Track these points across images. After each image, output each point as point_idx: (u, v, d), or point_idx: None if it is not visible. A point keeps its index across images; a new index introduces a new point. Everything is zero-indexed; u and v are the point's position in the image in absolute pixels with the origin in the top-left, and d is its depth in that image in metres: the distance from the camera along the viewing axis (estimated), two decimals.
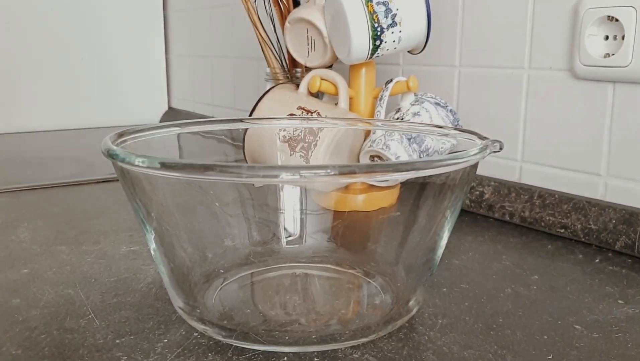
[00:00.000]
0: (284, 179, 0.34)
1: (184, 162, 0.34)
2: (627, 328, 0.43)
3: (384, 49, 0.70)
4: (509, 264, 0.56)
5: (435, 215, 0.43)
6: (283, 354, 0.39)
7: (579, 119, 0.64)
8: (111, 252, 0.58)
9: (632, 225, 0.58)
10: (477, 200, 0.72)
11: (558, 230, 0.64)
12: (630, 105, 0.59)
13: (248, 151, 0.68)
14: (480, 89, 0.74)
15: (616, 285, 0.51)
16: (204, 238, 0.49)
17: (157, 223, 0.42)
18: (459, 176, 0.41)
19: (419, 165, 0.37)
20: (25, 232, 0.64)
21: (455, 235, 0.64)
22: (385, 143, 0.64)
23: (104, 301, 0.47)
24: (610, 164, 0.62)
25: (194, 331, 0.42)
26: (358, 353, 0.39)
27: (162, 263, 0.43)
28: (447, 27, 0.77)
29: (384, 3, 0.67)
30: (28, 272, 0.53)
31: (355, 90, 0.76)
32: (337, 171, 0.34)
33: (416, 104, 0.70)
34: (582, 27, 0.61)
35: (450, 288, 0.50)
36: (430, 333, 0.42)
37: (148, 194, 0.41)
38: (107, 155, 0.39)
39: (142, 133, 0.48)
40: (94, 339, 0.41)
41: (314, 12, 0.74)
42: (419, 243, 0.46)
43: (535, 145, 0.69)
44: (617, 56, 0.59)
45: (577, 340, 0.41)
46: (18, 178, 0.89)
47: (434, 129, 0.54)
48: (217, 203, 0.48)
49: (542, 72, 0.67)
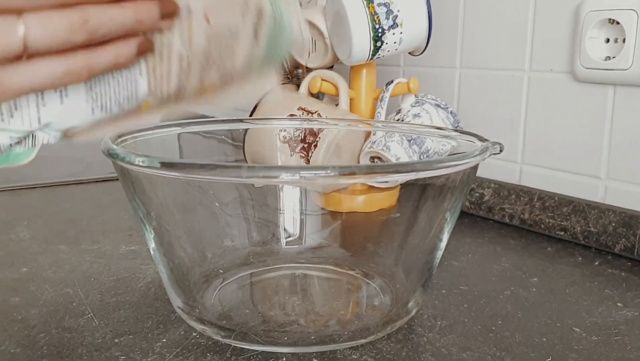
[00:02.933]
0: (284, 179, 0.34)
1: (184, 162, 0.34)
2: (626, 331, 0.43)
3: (384, 50, 0.70)
4: (508, 266, 0.56)
5: (435, 216, 0.43)
6: (282, 354, 0.39)
7: (579, 122, 0.64)
8: (110, 252, 0.58)
9: (631, 228, 0.58)
10: (477, 202, 0.72)
11: (558, 233, 0.64)
12: (631, 108, 0.59)
13: (248, 151, 0.68)
14: (481, 90, 0.74)
15: (615, 288, 0.51)
16: (203, 238, 0.49)
17: (156, 222, 0.42)
18: (459, 178, 0.41)
19: (419, 167, 0.37)
20: (25, 230, 0.64)
21: (454, 236, 0.64)
22: (385, 144, 0.64)
23: (103, 300, 0.47)
24: (610, 167, 0.62)
25: (193, 331, 0.42)
26: (357, 354, 0.39)
27: (162, 262, 0.43)
28: (448, 28, 0.77)
29: (385, 4, 0.67)
30: (27, 271, 0.53)
31: (356, 91, 0.76)
32: (337, 172, 0.34)
33: (417, 106, 0.70)
34: (583, 30, 0.61)
35: (449, 289, 0.50)
36: (429, 335, 0.42)
37: (148, 194, 0.41)
38: (107, 155, 0.39)
39: (142, 133, 0.48)
40: (92, 338, 0.41)
41: (315, 13, 0.74)
42: (419, 245, 0.46)
43: (536, 147, 0.69)
44: (618, 59, 0.59)
45: (576, 343, 0.41)
46: (18, 177, 0.89)
47: (434, 131, 0.54)
48: (217, 203, 0.48)
49: (542, 75, 0.67)
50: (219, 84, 0.34)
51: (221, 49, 0.32)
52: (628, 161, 0.60)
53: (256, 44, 0.33)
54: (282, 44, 0.35)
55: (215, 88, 0.34)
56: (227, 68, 0.33)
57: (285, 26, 0.34)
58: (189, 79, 0.32)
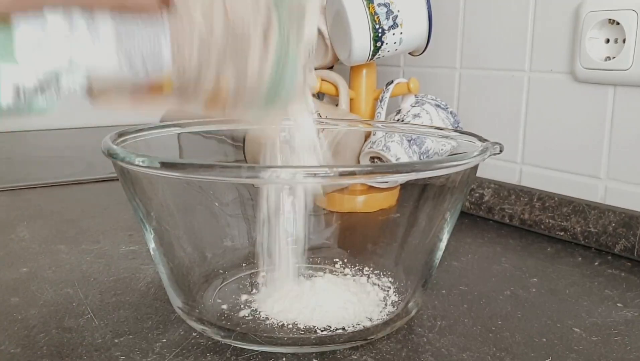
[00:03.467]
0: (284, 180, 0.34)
1: (184, 162, 0.34)
2: (626, 331, 0.43)
3: (384, 51, 0.70)
4: (508, 266, 0.56)
5: (434, 216, 0.43)
6: (282, 355, 0.39)
7: (579, 122, 0.64)
8: (110, 252, 0.58)
9: (631, 228, 0.58)
10: (476, 202, 0.72)
11: (557, 233, 0.64)
12: (631, 108, 0.59)
13: (248, 151, 0.68)
14: (481, 91, 0.74)
15: (615, 288, 0.51)
16: (203, 238, 0.49)
17: (156, 222, 0.42)
18: (459, 178, 0.41)
19: (419, 167, 0.37)
20: (25, 230, 0.64)
21: (454, 237, 0.64)
22: (385, 144, 0.64)
23: (102, 300, 0.47)
24: (610, 167, 0.62)
25: (193, 331, 0.42)
26: (357, 354, 0.39)
27: (162, 262, 0.43)
28: (448, 29, 0.77)
29: (385, 4, 0.67)
30: (27, 271, 0.53)
31: (356, 92, 0.76)
32: (337, 172, 0.34)
33: (417, 106, 0.70)
34: (583, 30, 0.61)
35: (449, 290, 0.50)
36: (429, 335, 0.42)
37: (148, 194, 0.41)
38: (107, 155, 0.39)
39: (142, 132, 0.48)
40: (92, 338, 0.41)
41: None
42: (419, 245, 0.46)
43: (536, 147, 0.69)
44: (618, 59, 0.59)
45: (576, 343, 0.41)
46: (18, 177, 0.89)
47: (434, 131, 0.54)
48: (217, 204, 0.48)
49: (542, 75, 0.67)
50: (231, 92, 0.34)
51: (236, 46, 0.32)
52: (628, 161, 0.60)
53: (265, 59, 0.34)
54: (287, 77, 0.35)
55: (228, 96, 0.35)
56: (240, 72, 0.33)
57: (290, 61, 0.34)
58: (208, 67, 0.33)
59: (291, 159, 0.44)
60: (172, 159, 0.35)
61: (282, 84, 0.35)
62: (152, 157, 0.35)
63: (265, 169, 0.35)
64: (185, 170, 0.35)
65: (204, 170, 0.34)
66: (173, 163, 0.35)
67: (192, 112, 0.37)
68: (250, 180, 0.38)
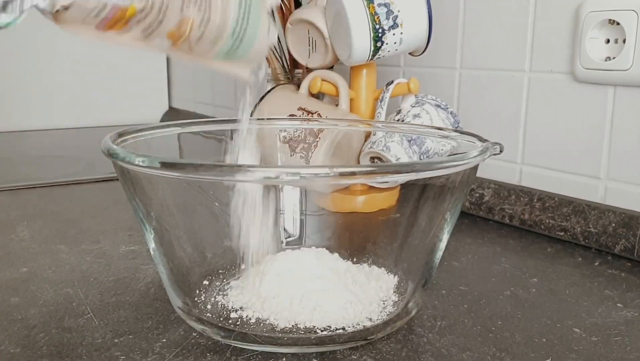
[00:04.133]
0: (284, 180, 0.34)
1: (184, 162, 0.34)
2: (626, 331, 0.43)
3: (385, 51, 0.70)
4: (508, 266, 0.56)
5: (435, 217, 0.43)
6: (282, 355, 0.39)
7: (579, 122, 0.64)
8: (110, 251, 0.58)
9: (631, 229, 0.58)
10: (476, 203, 0.72)
11: (557, 233, 0.64)
12: (631, 108, 0.59)
13: None
14: (481, 91, 0.74)
15: (615, 289, 0.51)
16: (203, 238, 0.49)
17: (156, 222, 0.42)
18: (459, 178, 0.41)
19: (419, 167, 0.37)
20: (25, 230, 0.64)
21: (454, 237, 0.64)
22: (385, 144, 0.64)
23: (102, 300, 0.47)
24: (610, 167, 0.62)
25: (193, 331, 0.42)
26: (357, 354, 0.39)
27: (162, 262, 0.43)
28: (448, 29, 0.77)
29: (386, 4, 0.67)
30: (27, 271, 0.53)
31: (356, 92, 0.76)
32: (337, 172, 0.34)
33: (417, 106, 0.70)
34: (583, 30, 0.61)
35: (449, 290, 0.50)
36: (429, 335, 0.42)
37: (148, 194, 0.41)
38: (107, 155, 0.39)
39: (142, 132, 0.48)
40: (92, 338, 0.41)
41: (315, 13, 0.74)
42: (419, 245, 0.46)
43: (536, 147, 0.69)
44: (618, 60, 0.59)
45: (576, 343, 0.41)
46: (18, 177, 0.89)
47: (434, 131, 0.54)
48: (217, 203, 0.48)
49: (542, 75, 0.67)
50: (196, 31, 0.34)
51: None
52: (628, 161, 0.60)
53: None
54: (252, 18, 0.35)
55: (193, 33, 0.34)
56: (204, 11, 0.33)
57: (254, 8, 0.35)
58: (172, 3, 0.32)
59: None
60: (172, 159, 0.35)
61: (246, 24, 0.35)
62: (152, 157, 0.35)
63: (265, 169, 0.35)
64: (185, 170, 0.35)
65: (204, 170, 0.34)
66: (173, 163, 0.35)
67: (157, 49, 0.36)
68: (250, 180, 0.38)
